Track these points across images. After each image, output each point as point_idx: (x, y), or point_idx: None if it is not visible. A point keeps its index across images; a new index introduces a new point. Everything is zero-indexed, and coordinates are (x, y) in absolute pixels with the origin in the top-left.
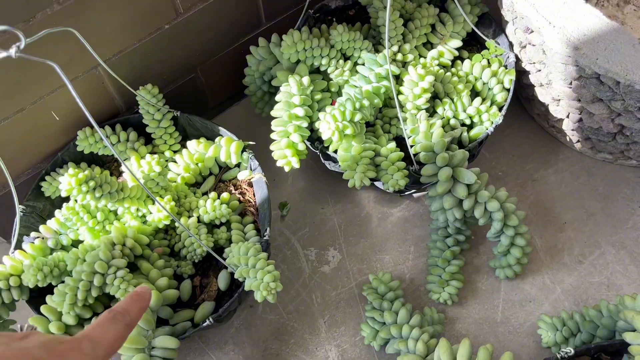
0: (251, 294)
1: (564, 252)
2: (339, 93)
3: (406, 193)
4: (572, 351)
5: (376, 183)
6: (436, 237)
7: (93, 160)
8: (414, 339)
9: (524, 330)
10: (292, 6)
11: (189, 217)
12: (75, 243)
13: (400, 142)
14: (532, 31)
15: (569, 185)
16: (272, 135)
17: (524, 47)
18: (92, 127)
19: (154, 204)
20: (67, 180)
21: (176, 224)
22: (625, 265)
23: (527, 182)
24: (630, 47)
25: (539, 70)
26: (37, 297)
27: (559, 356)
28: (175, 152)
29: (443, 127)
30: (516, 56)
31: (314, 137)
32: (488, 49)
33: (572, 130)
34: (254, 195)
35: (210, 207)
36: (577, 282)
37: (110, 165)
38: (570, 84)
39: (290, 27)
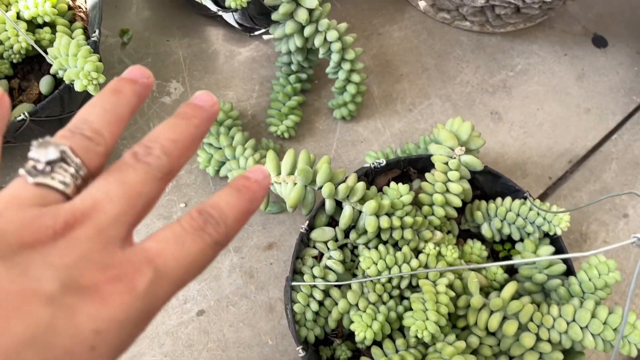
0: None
1: (397, 100)
2: None
3: (256, 33)
4: (384, 161)
5: (226, 17)
6: (280, 74)
7: None
8: (245, 157)
9: (353, 167)
10: None
11: (7, 11)
12: None
13: None
14: None
15: (410, 42)
16: None
17: None
18: None
19: None
20: None
21: None
22: (449, 115)
23: (372, 35)
24: None
25: None
26: None
27: (372, 166)
28: None
29: None
30: None
31: None
32: None
33: None
34: (85, 2)
35: (31, 1)
36: (405, 127)
37: None
38: None
39: None
